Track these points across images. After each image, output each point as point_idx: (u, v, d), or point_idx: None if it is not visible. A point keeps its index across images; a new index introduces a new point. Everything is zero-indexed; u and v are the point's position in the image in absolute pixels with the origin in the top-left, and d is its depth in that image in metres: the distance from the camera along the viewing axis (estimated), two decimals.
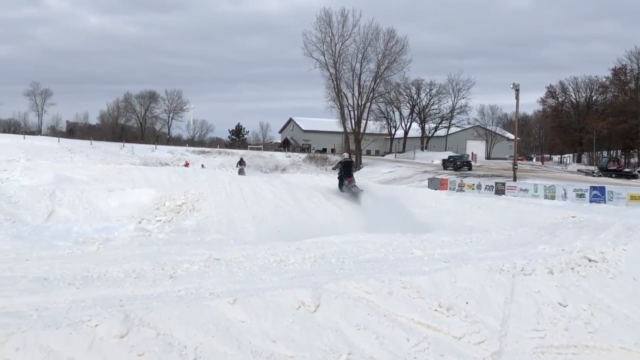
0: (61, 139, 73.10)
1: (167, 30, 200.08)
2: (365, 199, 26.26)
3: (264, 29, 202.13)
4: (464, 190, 47.46)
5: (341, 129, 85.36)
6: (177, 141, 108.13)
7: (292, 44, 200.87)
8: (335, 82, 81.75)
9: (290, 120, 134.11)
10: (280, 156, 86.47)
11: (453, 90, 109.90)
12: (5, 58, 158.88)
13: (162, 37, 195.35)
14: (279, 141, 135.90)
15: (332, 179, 33.54)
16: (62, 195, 24.90)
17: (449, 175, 59.67)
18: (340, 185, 27.41)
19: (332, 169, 31.57)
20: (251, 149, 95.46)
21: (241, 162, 54.73)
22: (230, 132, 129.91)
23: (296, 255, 10.92)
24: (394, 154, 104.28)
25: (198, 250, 12.15)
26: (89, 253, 12.66)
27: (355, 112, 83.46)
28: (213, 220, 22.23)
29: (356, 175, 29.63)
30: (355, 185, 27.15)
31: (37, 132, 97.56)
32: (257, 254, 11.40)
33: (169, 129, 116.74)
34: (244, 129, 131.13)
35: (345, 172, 27.34)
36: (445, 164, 73.71)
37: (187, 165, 54.91)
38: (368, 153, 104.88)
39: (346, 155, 32.16)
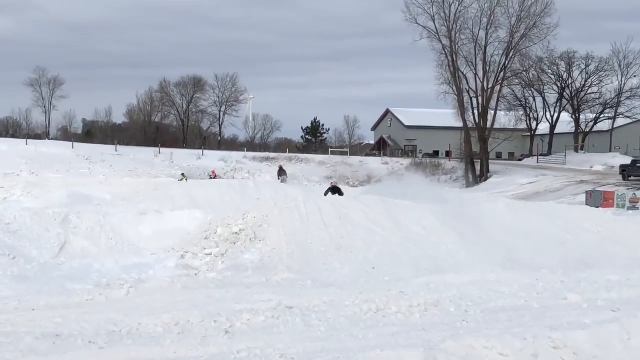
0: (76, 144, 74.98)
1: None
2: (493, 223, 25.94)
3: None
4: (638, 208, 46.25)
5: (459, 124, 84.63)
6: (232, 144, 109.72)
7: (389, 7, 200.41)
8: (450, 59, 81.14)
9: (387, 112, 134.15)
10: (374, 163, 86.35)
11: (620, 66, 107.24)
12: (4, 36, 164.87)
13: (213, 2, 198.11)
14: (372, 142, 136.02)
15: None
16: (78, 221, 25.65)
17: (616, 187, 58.26)
18: None
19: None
20: (333, 153, 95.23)
21: (281, 172, 55.19)
22: (303, 130, 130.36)
23: (399, 301, 10.87)
24: (535, 158, 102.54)
25: (263, 296, 12.28)
26: (116, 300, 13.02)
27: (480, 99, 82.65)
28: (282, 253, 22.40)
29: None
30: None
31: (44, 135, 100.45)
32: (344, 300, 11.41)
33: (220, 128, 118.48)
34: (323, 126, 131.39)
35: None
36: (629, 171, 69.47)
37: (214, 176, 54.94)
38: (498, 157, 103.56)
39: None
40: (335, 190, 37.95)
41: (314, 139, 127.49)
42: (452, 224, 25.88)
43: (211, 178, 51.12)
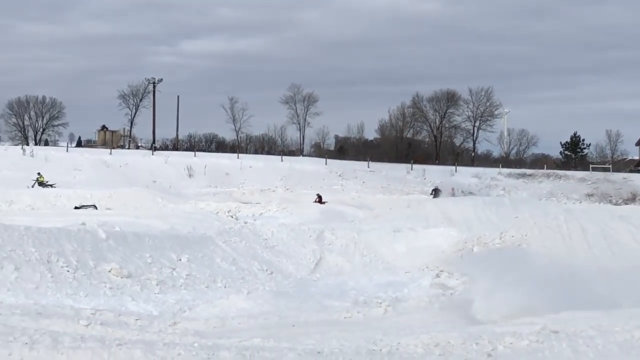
0: (329, 161, 76.85)
1: (477, 4, 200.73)
2: None
3: None
4: None
5: None
6: (486, 160, 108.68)
7: None
8: None
9: None
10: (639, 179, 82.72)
11: None
12: (261, 54, 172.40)
13: (470, 14, 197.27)
14: (636, 157, 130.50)
15: None
16: (332, 238, 26.36)
17: None
18: None
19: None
20: (594, 169, 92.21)
21: (436, 193, 53.76)
22: (562, 145, 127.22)
23: None
24: None
25: (526, 319, 12.05)
26: (374, 318, 13.22)
27: None
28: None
29: None
30: None
31: (299, 151, 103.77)
32: (614, 325, 11.00)
33: (474, 144, 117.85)
34: (583, 140, 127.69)
35: None
36: None
37: (320, 200, 49.30)
38: None
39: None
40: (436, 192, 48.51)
41: (573, 155, 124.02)
42: None
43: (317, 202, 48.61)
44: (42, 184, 50.38)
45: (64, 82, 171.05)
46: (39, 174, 51.91)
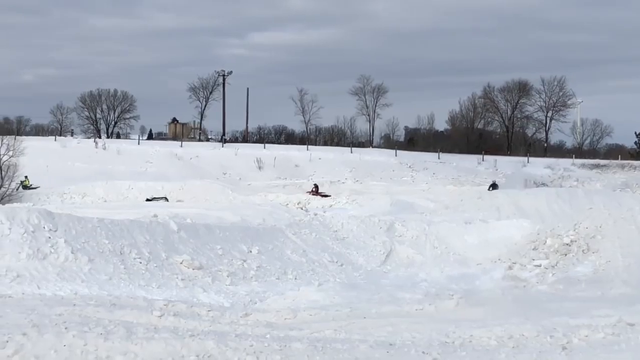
0: (398, 152, 76.70)
1: None
2: None
3: None
4: None
5: None
6: (558, 151, 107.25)
7: None
8: None
9: None
10: None
11: None
12: (331, 45, 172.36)
13: (542, 3, 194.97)
14: None
15: None
16: (402, 229, 26.32)
17: None
18: None
19: None
20: None
21: (494, 187, 52.96)
22: (637, 135, 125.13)
23: None
24: None
25: (600, 311, 11.90)
26: (445, 310, 13.14)
27: None
28: (618, 266, 21.66)
29: None
30: None
31: (368, 143, 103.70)
32: None
33: (546, 135, 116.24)
34: None
35: None
36: None
37: (315, 191, 48.95)
38: None
39: None
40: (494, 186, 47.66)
41: None
42: None
43: (312, 193, 48.27)
44: (26, 187, 50.79)
45: (135, 75, 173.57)
46: (26, 177, 52.28)
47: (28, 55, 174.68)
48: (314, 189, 47.66)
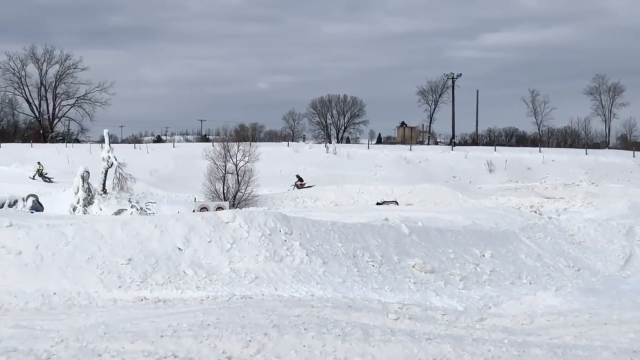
0: (637, 153, 73.71)
1: None
2: None
3: None
4: None
5: None
6: None
7: None
8: None
9: None
10: None
11: None
12: (565, 44, 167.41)
13: None
14: None
15: None
16: None
17: None
18: None
19: None
20: None
21: None
22: None
23: None
24: None
25: None
26: None
27: None
28: None
29: None
30: None
31: (604, 144, 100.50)
32: None
33: None
34: None
35: None
36: None
37: (300, 182, 47.52)
38: None
39: None
40: None
41: None
42: None
43: (297, 185, 46.00)
44: (41, 174, 51.48)
45: (364, 79, 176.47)
46: (38, 163, 52.83)
47: (263, 63, 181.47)
48: (297, 182, 47.45)
